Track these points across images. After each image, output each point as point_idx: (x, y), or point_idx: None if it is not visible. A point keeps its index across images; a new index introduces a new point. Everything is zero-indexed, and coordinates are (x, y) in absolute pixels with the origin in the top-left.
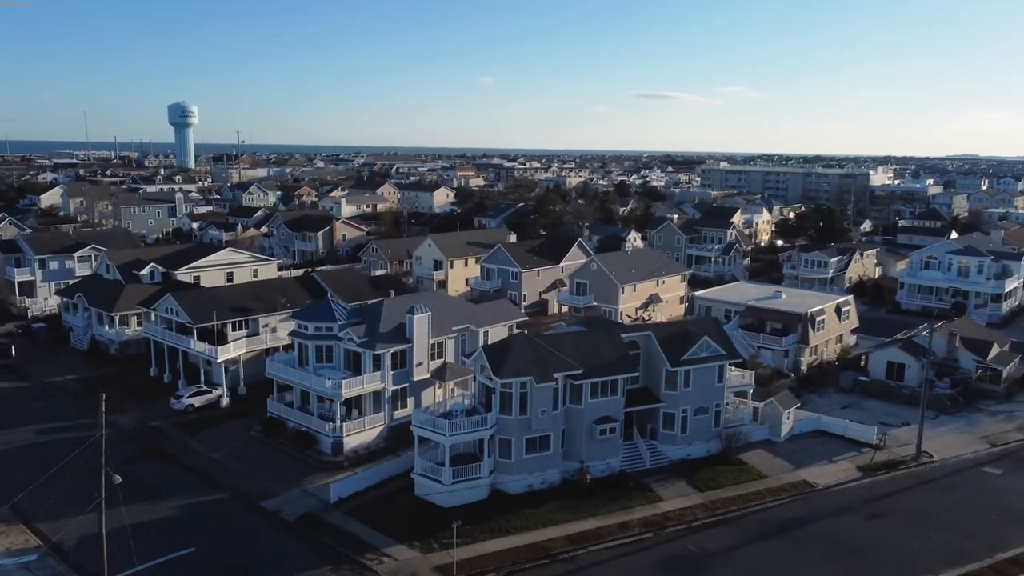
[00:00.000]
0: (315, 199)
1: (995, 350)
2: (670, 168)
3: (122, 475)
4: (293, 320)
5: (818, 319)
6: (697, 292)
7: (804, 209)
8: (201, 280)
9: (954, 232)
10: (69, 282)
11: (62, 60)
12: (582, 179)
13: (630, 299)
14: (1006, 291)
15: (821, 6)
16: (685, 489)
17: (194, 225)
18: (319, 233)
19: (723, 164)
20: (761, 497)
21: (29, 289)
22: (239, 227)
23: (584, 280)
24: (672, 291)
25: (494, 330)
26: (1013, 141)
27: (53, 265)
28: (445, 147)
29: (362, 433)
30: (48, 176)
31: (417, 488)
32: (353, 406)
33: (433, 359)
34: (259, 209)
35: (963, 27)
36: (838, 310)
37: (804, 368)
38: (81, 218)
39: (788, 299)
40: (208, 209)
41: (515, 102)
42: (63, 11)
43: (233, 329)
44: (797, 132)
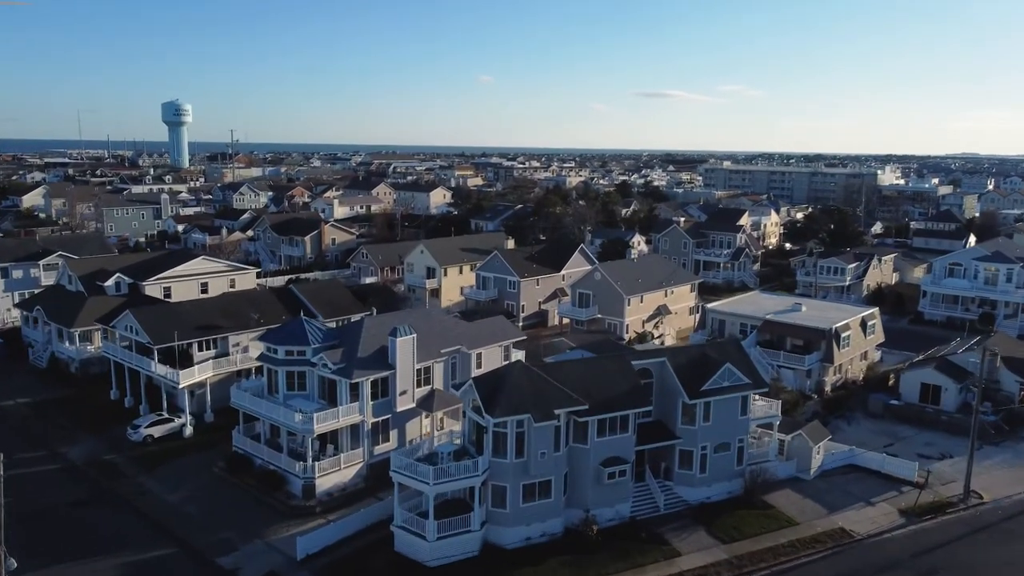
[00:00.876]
0: (307, 200)
1: None
2: (671, 167)
3: (67, 522)
4: (261, 343)
5: (843, 335)
6: (710, 304)
7: (811, 210)
8: (172, 292)
9: (972, 236)
10: (35, 292)
11: (58, 58)
12: (582, 179)
13: (637, 311)
14: None
15: (821, 5)
16: (705, 540)
17: (179, 228)
18: (307, 237)
19: (727, 164)
20: (794, 550)
21: None
22: (224, 230)
23: (587, 291)
24: (681, 301)
25: (488, 352)
26: (1013, 140)
27: (17, 274)
28: (444, 146)
29: (337, 473)
30: (37, 176)
31: (397, 543)
32: (328, 441)
33: (419, 386)
34: (246, 211)
35: (964, 26)
36: (863, 324)
37: (828, 389)
38: (63, 220)
39: (809, 312)
40: (196, 210)
41: (515, 101)
42: (59, 9)
43: (200, 349)
44: (797, 130)
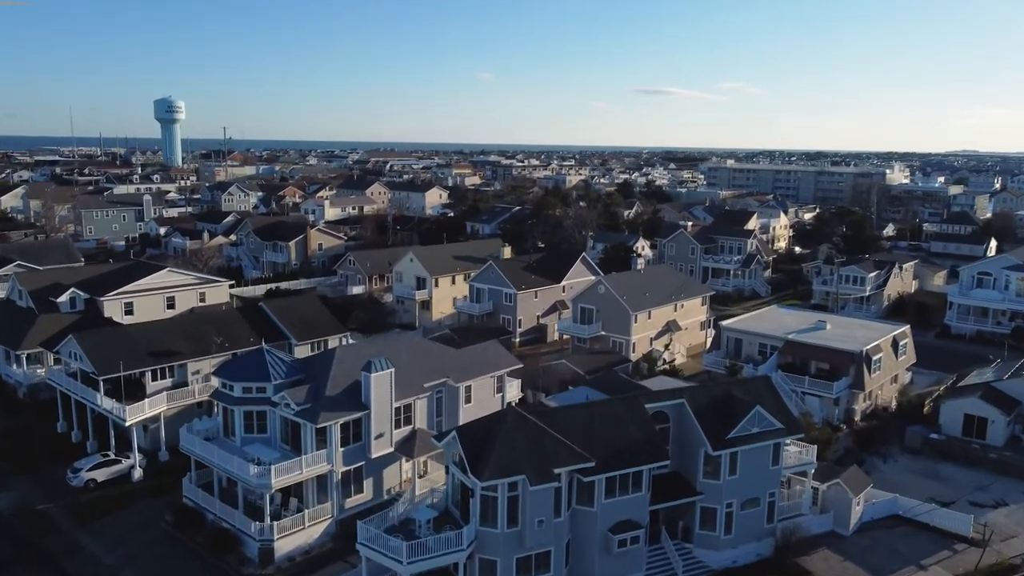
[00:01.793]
0: (298, 200)
1: None
2: (672, 165)
3: None
4: (215, 377)
5: (874, 358)
6: (725, 322)
7: (819, 210)
8: (135, 307)
9: (992, 240)
10: None
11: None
12: (583, 177)
13: (644, 328)
14: None
15: (819, 4)
16: None
17: (162, 230)
18: (291, 243)
19: (730, 162)
20: None
21: None
22: (205, 234)
23: (590, 305)
24: (692, 316)
25: (479, 384)
26: (1014, 137)
27: None
28: (443, 143)
29: (301, 532)
30: (24, 175)
31: None
32: (291, 494)
33: (399, 427)
34: (230, 214)
35: (964, 23)
36: (895, 344)
37: (858, 418)
38: (40, 222)
39: (835, 331)
40: (180, 211)
41: (514, 98)
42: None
43: (155, 378)
44: (798, 128)
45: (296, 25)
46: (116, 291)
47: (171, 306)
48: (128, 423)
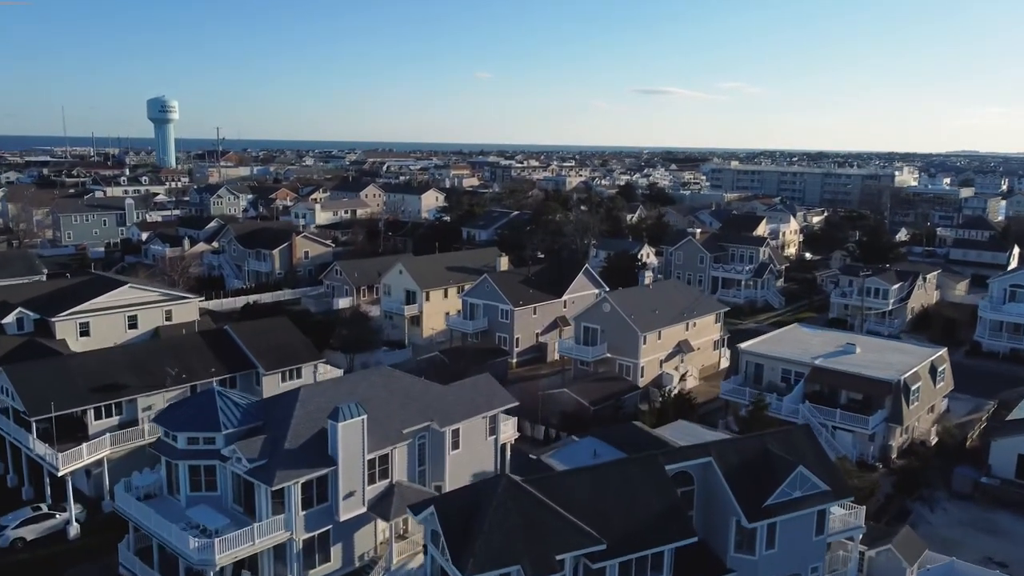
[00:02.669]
0: (289, 203)
1: None
2: (673, 165)
3: None
4: (156, 424)
5: (913, 387)
6: (743, 344)
7: (827, 214)
8: (91, 328)
9: (1016, 247)
10: None
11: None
12: (583, 178)
13: (654, 349)
14: None
15: (820, 4)
16: None
17: (144, 236)
18: (275, 251)
19: (734, 163)
20: None
21: None
22: (186, 241)
23: (594, 325)
24: (705, 335)
25: (468, 427)
26: (1014, 137)
27: None
28: (442, 143)
29: None
30: (12, 176)
31: None
32: (244, 566)
33: (373, 482)
34: (214, 219)
35: (963, 23)
36: (932, 370)
37: (894, 455)
38: (19, 227)
39: (865, 356)
40: (164, 215)
41: (513, 98)
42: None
43: (97, 416)
44: (798, 128)
45: (296, 25)
46: (70, 311)
47: (133, 326)
48: (61, 472)
